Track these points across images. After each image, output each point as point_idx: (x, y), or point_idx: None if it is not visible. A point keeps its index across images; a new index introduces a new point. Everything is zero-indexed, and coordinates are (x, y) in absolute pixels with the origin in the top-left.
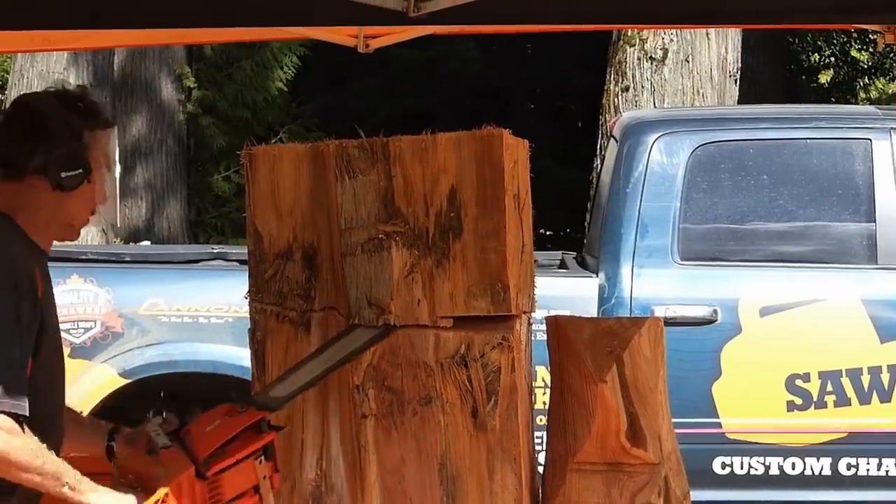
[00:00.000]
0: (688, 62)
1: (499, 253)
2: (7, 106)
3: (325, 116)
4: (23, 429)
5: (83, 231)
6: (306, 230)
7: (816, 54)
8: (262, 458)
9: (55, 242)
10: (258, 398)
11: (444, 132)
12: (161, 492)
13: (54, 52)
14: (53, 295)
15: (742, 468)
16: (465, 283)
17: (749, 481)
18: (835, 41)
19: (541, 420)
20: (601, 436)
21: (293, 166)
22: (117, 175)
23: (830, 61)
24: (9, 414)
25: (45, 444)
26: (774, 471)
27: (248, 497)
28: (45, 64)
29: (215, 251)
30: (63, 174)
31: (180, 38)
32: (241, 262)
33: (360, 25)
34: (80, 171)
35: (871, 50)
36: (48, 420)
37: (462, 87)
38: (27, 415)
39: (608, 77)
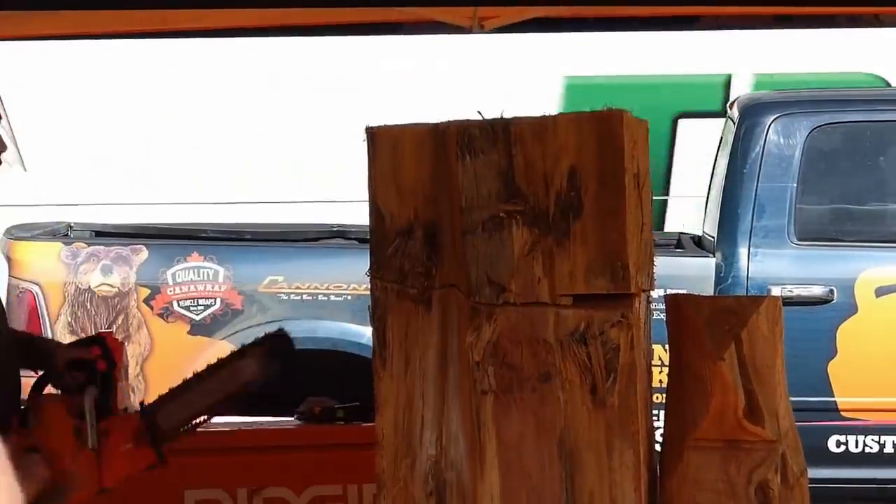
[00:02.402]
0: None
1: (619, 232)
2: None
3: None
4: None
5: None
6: (427, 208)
7: None
8: None
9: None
10: (158, 423)
11: (564, 112)
12: None
13: None
14: None
15: (857, 446)
16: (584, 261)
17: (863, 460)
18: None
19: (657, 398)
20: (719, 413)
21: (414, 145)
22: (7, 123)
23: None
24: None
25: None
26: (889, 449)
27: None
28: None
29: (334, 229)
30: None
31: (296, 18)
32: (361, 240)
33: (475, 6)
34: None
35: None
36: None
37: None
38: None
39: None
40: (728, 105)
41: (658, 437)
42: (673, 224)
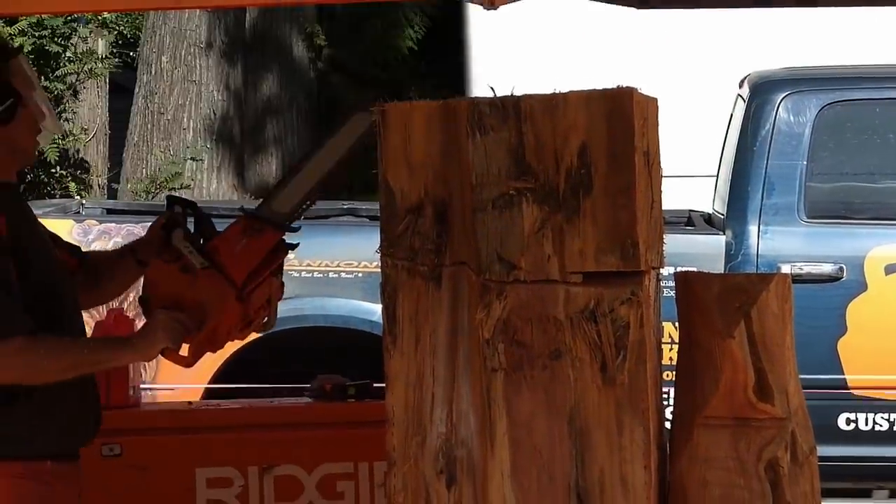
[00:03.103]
0: None
1: (629, 209)
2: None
3: (453, 76)
4: (37, 342)
5: (212, 187)
6: (437, 186)
7: None
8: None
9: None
10: (268, 213)
11: (574, 90)
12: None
13: (186, 10)
14: (31, 218)
15: (866, 424)
16: (594, 239)
17: (873, 437)
18: None
19: (667, 376)
20: (729, 391)
21: (425, 123)
22: (42, 91)
23: None
24: (21, 335)
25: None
26: None
27: (263, 308)
28: (177, 21)
29: (345, 207)
30: None
31: None
32: (371, 217)
33: None
34: (12, 99)
35: None
36: (65, 321)
37: None
38: (34, 328)
39: None
40: (738, 83)
41: (668, 415)
42: None
